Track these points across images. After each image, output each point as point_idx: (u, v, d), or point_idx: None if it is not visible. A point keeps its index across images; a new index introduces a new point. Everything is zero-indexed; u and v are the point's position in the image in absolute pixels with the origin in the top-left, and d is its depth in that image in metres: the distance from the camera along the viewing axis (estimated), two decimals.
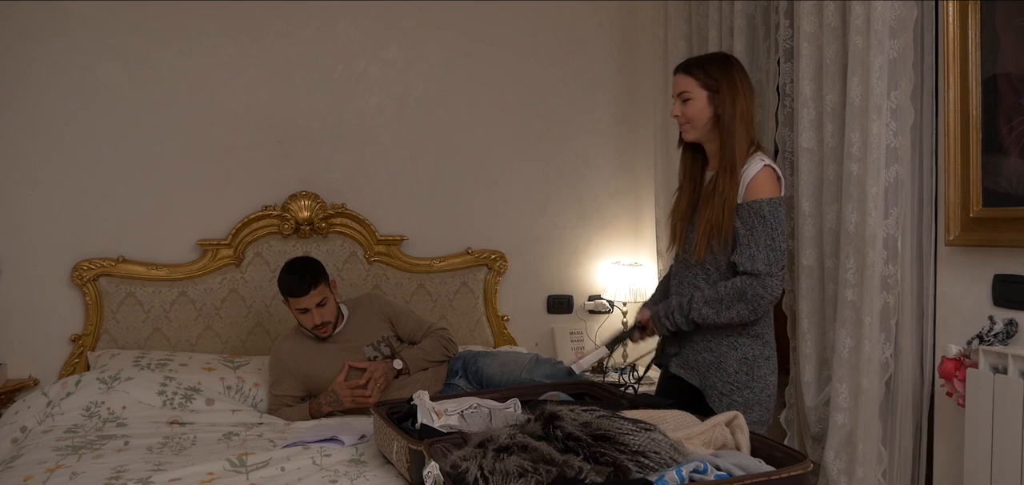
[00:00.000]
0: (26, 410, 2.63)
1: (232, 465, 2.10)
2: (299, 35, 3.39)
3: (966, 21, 2.15)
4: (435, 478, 1.73)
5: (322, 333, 2.82)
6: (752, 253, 2.08)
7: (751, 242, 2.09)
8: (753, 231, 2.09)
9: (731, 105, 2.18)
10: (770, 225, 2.09)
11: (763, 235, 2.08)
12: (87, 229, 3.17)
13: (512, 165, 3.68)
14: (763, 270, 2.07)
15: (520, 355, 2.92)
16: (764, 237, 2.08)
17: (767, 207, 2.10)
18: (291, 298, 2.78)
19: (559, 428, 1.73)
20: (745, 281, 2.10)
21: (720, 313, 2.13)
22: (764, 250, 2.08)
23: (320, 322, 2.78)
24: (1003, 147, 2.10)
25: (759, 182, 2.12)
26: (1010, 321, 2.07)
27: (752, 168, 2.15)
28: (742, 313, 2.12)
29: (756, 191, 2.12)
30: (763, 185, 2.13)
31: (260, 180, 3.34)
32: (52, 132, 3.14)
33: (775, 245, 2.09)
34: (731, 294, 2.12)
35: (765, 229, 2.08)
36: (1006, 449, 1.96)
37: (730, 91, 2.19)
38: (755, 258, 2.08)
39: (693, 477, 1.67)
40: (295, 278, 2.76)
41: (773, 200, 2.12)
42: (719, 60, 2.26)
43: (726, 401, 2.20)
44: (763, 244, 2.08)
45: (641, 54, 3.77)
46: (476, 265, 3.60)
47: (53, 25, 3.12)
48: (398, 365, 2.79)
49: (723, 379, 2.21)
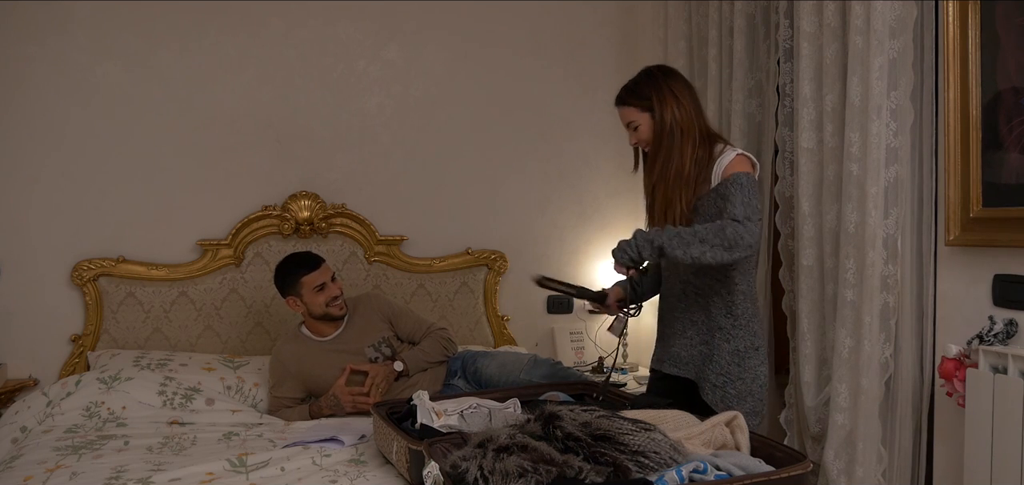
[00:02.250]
0: (26, 410, 2.63)
1: (232, 465, 2.10)
2: (299, 35, 3.39)
3: (966, 21, 2.15)
4: (435, 478, 1.73)
5: (338, 309, 2.83)
6: (730, 210, 2.09)
7: (728, 204, 2.10)
8: (729, 196, 2.10)
9: (665, 116, 2.22)
10: (746, 189, 2.09)
11: (739, 196, 2.08)
12: (87, 229, 3.17)
13: (512, 165, 3.68)
14: (742, 216, 2.07)
15: (519, 355, 2.92)
16: (740, 197, 2.08)
17: (743, 177, 2.11)
18: (306, 277, 2.79)
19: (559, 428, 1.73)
20: (725, 221, 2.08)
21: (693, 244, 2.05)
22: (741, 205, 2.08)
23: (338, 294, 2.83)
24: (1003, 147, 2.10)
25: (733, 166, 2.15)
26: (1010, 321, 2.07)
27: (726, 157, 2.18)
28: (716, 248, 2.04)
29: (734, 167, 2.15)
30: (739, 163, 2.16)
31: (260, 180, 3.34)
32: (52, 132, 3.14)
33: (751, 202, 2.09)
34: (710, 228, 2.06)
35: (741, 192, 2.09)
36: (1006, 449, 1.96)
37: (661, 103, 2.23)
38: (733, 210, 2.08)
39: (693, 477, 1.67)
40: (302, 257, 2.86)
41: (748, 173, 2.14)
42: (646, 77, 2.30)
43: (719, 393, 2.20)
44: (740, 201, 2.08)
45: (641, 54, 3.76)
46: (476, 265, 3.60)
47: (53, 25, 3.12)
48: (399, 367, 2.79)
49: (716, 372, 2.21)
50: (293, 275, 2.82)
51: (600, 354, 3.57)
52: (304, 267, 2.81)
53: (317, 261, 2.83)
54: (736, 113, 2.97)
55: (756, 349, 2.23)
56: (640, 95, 2.28)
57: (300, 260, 2.85)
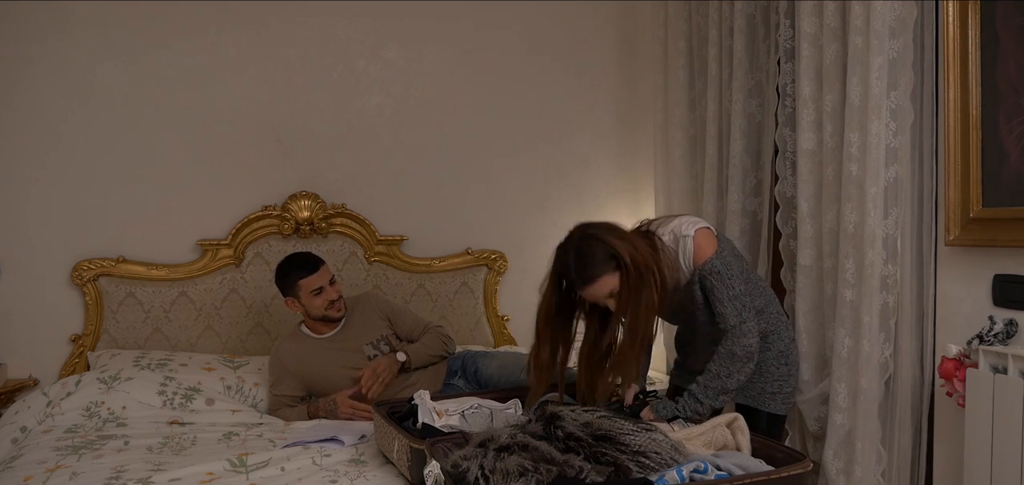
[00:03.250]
0: (26, 410, 2.63)
1: (232, 465, 2.10)
2: (299, 35, 3.39)
3: (966, 21, 2.15)
4: (436, 477, 1.73)
5: (336, 312, 2.83)
6: (721, 312, 2.17)
7: (715, 300, 2.18)
8: (714, 290, 2.17)
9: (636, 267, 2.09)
10: (724, 278, 2.16)
11: (722, 290, 2.16)
12: (87, 229, 3.17)
13: (512, 165, 3.68)
14: (735, 322, 2.16)
15: (519, 355, 2.92)
16: (724, 292, 2.16)
17: (718, 262, 2.16)
18: (304, 280, 2.79)
19: (560, 428, 1.74)
20: (726, 342, 2.16)
21: (726, 386, 2.16)
22: (729, 304, 2.16)
23: (336, 298, 2.82)
24: (1003, 147, 2.10)
25: (700, 247, 2.18)
26: (1010, 321, 2.07)
27: (686, 244, 2.18)
28: (742, 368, 2.17)
29: (701, 255, 2.18)
30: (703, 247, 2.18)
31: (260, 180, 3.34)
32: (52, 132, 3.13)
33: (735, 293, 2.16)
34: (723, 364, 2.15)
35: (722, 284, 2.16)
36: (1006, 449, 1.96)
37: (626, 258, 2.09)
38: (725, 316, 2.17)
39: (693, 477, 1.67)
40: (302, 258, 2.86)
41: (718, 252, 2.17)
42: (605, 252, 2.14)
43: (778, 398, 2.34)
44: (726, 298, 2.16)
45: (641, 54, 3.77)
46: (476, 265, 3.60)
47: (53, 25, 3.11)
48: (402, 357, 2.79)
49: (769, 380, 2.32)
50: (291, 276, 2.82)
51: None
52: (302, 269, 2.81)
53: (316, 264, 2.82)
54: (736, 113, 2.97)
55: (792, 339, 2.40)
56: (600, 267, 2.13)
57: (299, 261, 2.85)
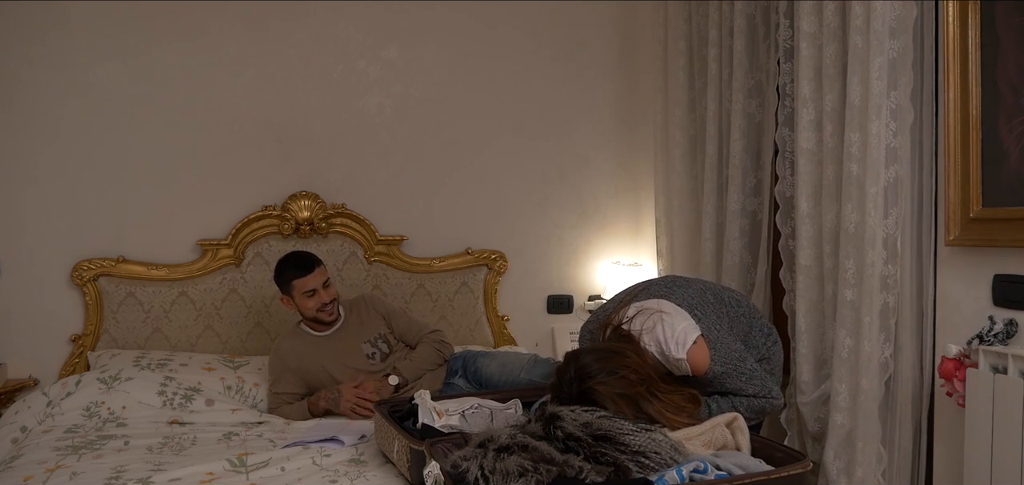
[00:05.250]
0: (26, 410, 2.63)
1: (232, 465, 2.10)
2: (299, 35, 3.39)
3: (966, 21, 2.15)
4: (436, 478, 1.73)
5: (329, 315, 2.83)
6: (741, 389, 2.13)
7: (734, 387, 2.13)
8: (725, 383, 2.12)
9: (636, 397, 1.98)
10: (729, 373, 2.11)
11: (735, 379, 2.12)
12: (87, 229, 3.17)
13: (512, 165, 3.68)
14: (757, 392, 2.13)
15: (519, 355, 2.93)
16: (738, 380, 2.12)
17: (717, 369, 2.10)
18: (297, 280, 2.79)
19: (559, 428, 1.74)
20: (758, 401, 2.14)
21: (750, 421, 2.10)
22: (747, 384, 2.13)
23: (328, 301, 2.81)
24: (1003, 147, 2.10)
25: (696, 365, 2.08)
26: (1010, 321, 2.07)
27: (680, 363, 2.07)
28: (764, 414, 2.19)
29: (699, 369, 2.09)
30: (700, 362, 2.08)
31: (260, 180, 3.34)
32: (52, 132, 3.13)
33: (742, 370, 2.13)
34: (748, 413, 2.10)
35: (732, 377, 2.12)
36: (1006, 449, 1.96)
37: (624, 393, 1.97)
38: (744, 390, 2.13)
39: (693, 477, 1.67)
40: (298, 259, 2.84)
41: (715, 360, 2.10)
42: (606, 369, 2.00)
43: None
44: (742, 381, 2.12)
45: (641, 54, 3.77)
46: (476, 265, 3.60)
47: (52, 24, 3.12)
48: (394, 381, 2.77)
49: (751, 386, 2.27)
50: (287, 274, 2.82)
51: None
52: (297, 270, 2.80)
53: (311, 265, 2.81)
54: (736, 113, 2.97)
55: (775, 342, 2.36)
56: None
57: (295, 261, 2.84)
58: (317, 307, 2.81)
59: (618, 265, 3.63)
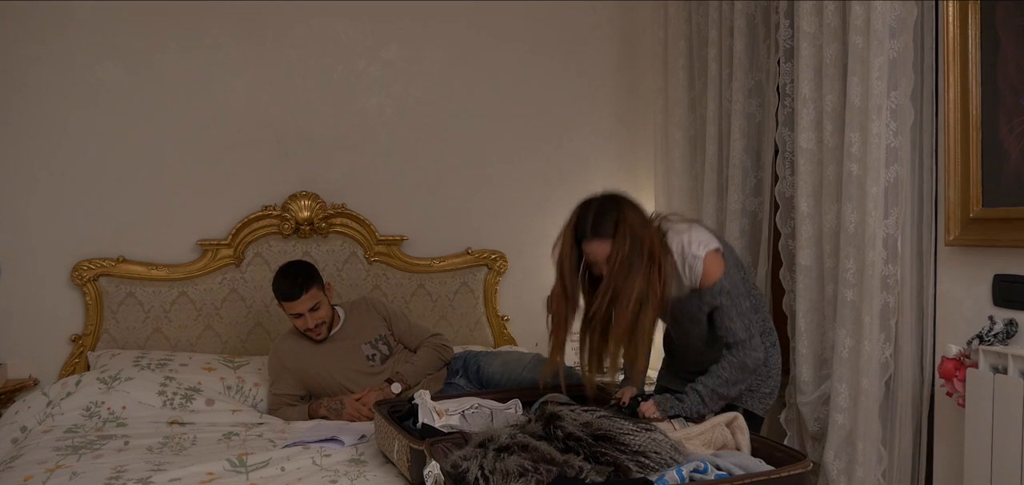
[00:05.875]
0: (26, 410, 2.62)
1: (232, 465, 2.10)
2: (299, 35, 3.39)
3: (966, 21, 2.15)
4: (436, 477, 1.73)
5: (316, 335, 2.82)
6: (729, 326, 2.21)
7: (723, 317, 2.21)
8: (722, 308, 2.20)
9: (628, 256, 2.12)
10: (734, 297, 2.20)
11: (732, 308, 2.20)
12: (87, 229, 3.17)
13: (512, 165, 3.68)
14: (744, 337, 2.21)
15: (521, 355, 2.93)
16: (734, 309, 2.20)
17: (726, 283, 2.19)
18: (284, 302, 2.79)
19: (559, 428, 1.74)
20: (738, 354, 2.21)
21: (729, 393, 2.22)
22: (738, 319, 2.20)
23: (314, 325, 2.79)
24: (1003, 147, 2.10)
25: (709, 271, 2.18)
26: (1010, 321, 2.07)
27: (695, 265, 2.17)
28: (747, 379, 2.24)
29: (710, 278, 2.19)
30: (712, 272, 2.18)
31: (260, 180, 3.34)
32: (52, 132, 3.13)
33: (742, 309, 2.21)
34: (733, 372, 2.21)
35: (731, 302, 2.20)
36: (1006, 449, 1.96)
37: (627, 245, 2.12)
38: (734, 331, 2.21)
39: (693, 477, 1.67)
40: (288, 282, 2.77)
41: (726, 273, 2.20)
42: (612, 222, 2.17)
43: (755, 396, 2.31)
44: (735, 315, 2.20)
45: (641, 54, 3.77)
46: (476, 265, 3.60)
47: (53, 25, 3.12)
48: (396, 388, 2.76)
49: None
50: (276, 293, 2.81)
51: None
52: (283, 294, 2.77)
53: (298, 292, 2.74)
54: (736, 113, 2.97)
55: (774, 344, 2.36)
56: (604, 232, 2.17)
57: (283, 286, 2.77)
58: (303, 328, 2.80)
59: None
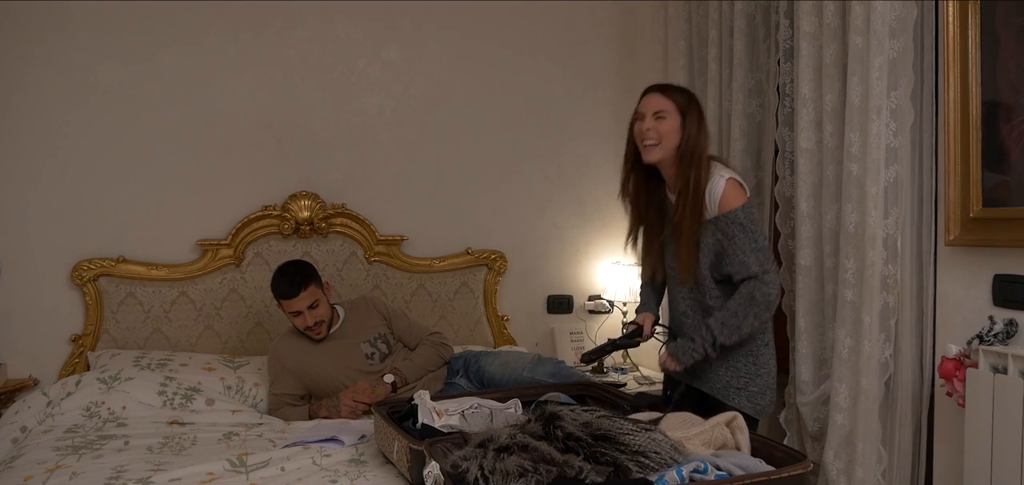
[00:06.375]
0: (26, 410, 2.63)
1: (232, 465, 2.10)
2: (299, 35, 3.39)
3: (966, 21, 2.15)
4: (436, 478, 1.73)
5: (315, 334, 2.82)
6: (742, 261, 2.17)
7: (737, 251, 2.17)
8: (735, 240, 2.17)
9: (697, 134, 2.24)
10: (749, 230, 2.17)
11: (746, 241, 2.17)
12: (87, 229, 3.17)
13: (512, 165, 3.68)
14: (758, 271, 2.16)
15: (522, 354, 2.93)
16: (747, 243, 2.17)
17: (742, 214, 2.18)
18: (283, 301, 2.79)
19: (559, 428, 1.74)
20: (748, 286, 2.17)
21: (741, 327, 2.19)
22: (752, 253, 2.17)
23: (312, 323, 2.79)
24: (1003, 147, 2.10)
25: (728, 196, 2.19)
26: (1010, 321, 2.07)
27: (717, 185, 2.20)
28: (759, 315, 2.19)
29: (728, 204, 2.19)
30: (732, 197, 2.19)
31: (260, 180, 3.34)
32: (52, 132, 3.13)
33: (759, 246, 2.18)
34: (741, 304, 2.18)
35: (746, 235, 2.17)
36: (1006, 449, 1.96)
37: (698, 121, 2.26)
38: (747, 264, 2.17)
39: (693, 477, 1.67)
40: (285, 281, 2.78)
41: (745, 206, 2.19)
42: (688, 92, 2.33)
43: (743, 395, 2.27)
44: (749, 249, 2.17)
45: (641, 54, 3.77)
46: (476, 265, 3.60)
47: (53, 25, 3.12)
48: (389, 379, 2.77)
49: (736, 374, 2.28)
50: (274, 291, 2.81)
51: None
52: (282, 291, 2.78)
53: (296, 289, 2.76)
54: (736, 113, 2.97)
55: (767, 344, 2.32)
56: (683, 98, 2.28)
57: (281, 285, 2.79)
58: (302, 326, 2.80)
59: (618, 265, 3.63)
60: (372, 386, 2.72)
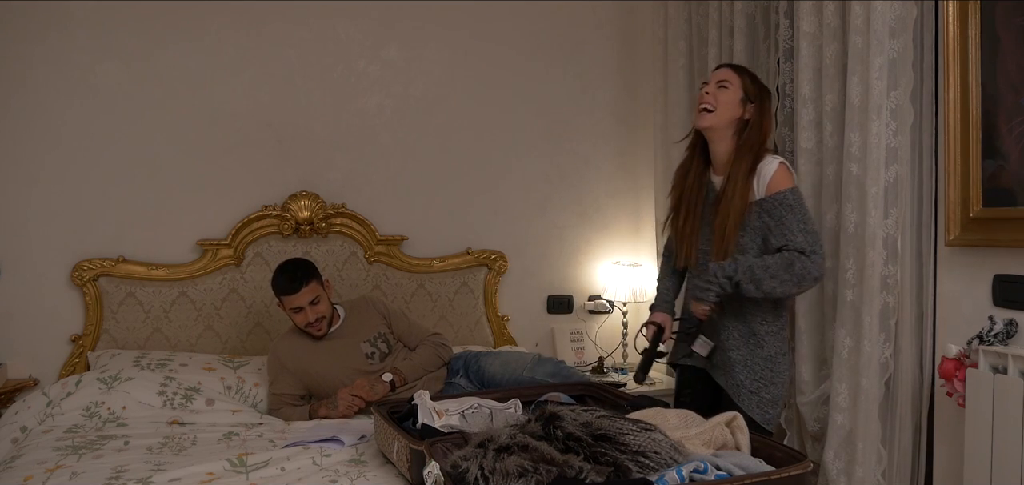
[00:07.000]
0: (26, 410, 2.62)
1: (232, 465, 2.10)
2: (299, 35, 3.39)
3: (966, 21, 2.15)
4: (436, 478, 1.73)
5: (316, 330, 2.82)
6: (790, 237, 2.16)
7: (785, 229, 2.17)
8: (783, 220, 2.17)
9: (762, 120, 2.28)
10: (797, 211, 2.18)
11: (795, 220, 2.17)
12: (87, 229, 3.17)
13: (512, 165, 3.68)
14: (807, 248, 2.15)
15: (522, 354, 2.93)
16: (796, 222, 2.17)
17: (791, 196, 2.19)
18: (284, 297, 2.79)
19: (559, 428, 1.74)
20: (792, 254, 2.15)
21: (766, 281, 2.15)
22: (800, 233, 2.16)
23: (314, 319, 2.80)
24: (1003, 147, 2.10)
25: (778, 179, 2.20)
26: (1010, 321, 2.07)
27: (768, 167, 2.22)
28: (786, 284, 2.15)
29: (776, 186, 2.20)
30: (781, 180, 2.21)
31: (260, 180, 3.34)
32: (52, 132, 3.13)
33: (808, 227, 2.18)
34: (777, 262, 2.15)
35: (794, 215, 2.17)
36: (1006, 449, 1.96)
37: (765, 109, 2.30)
38: (796, 242, 2.15)
39: (693, 477, 1.67)
40: (287, 276, 2.79)
41: (793, 189, 2.21)
42: (761, 82, 2.37)
43: (755, 399, 2.27)
44: (797, 228, 2.16)
45: (641, 54, 3.77)
46: (476, 265, 3.60)
47: (53, 24, 3.11)
48: (388, 377, 2.76)
49: (751, 377, 2.28)
50: (276, 287, 2.82)
51: (600, 354, 3.58)
52: (284, 286, 2.78)
53: (298, 284, 2.76)
54: None
55: (784, 354, 2.31)
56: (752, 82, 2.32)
57: (282, 281, 2.79)
58: (304, 323, 2.80)
59: (618, 265, 3.63)
60: (371, 384, 2.72)
